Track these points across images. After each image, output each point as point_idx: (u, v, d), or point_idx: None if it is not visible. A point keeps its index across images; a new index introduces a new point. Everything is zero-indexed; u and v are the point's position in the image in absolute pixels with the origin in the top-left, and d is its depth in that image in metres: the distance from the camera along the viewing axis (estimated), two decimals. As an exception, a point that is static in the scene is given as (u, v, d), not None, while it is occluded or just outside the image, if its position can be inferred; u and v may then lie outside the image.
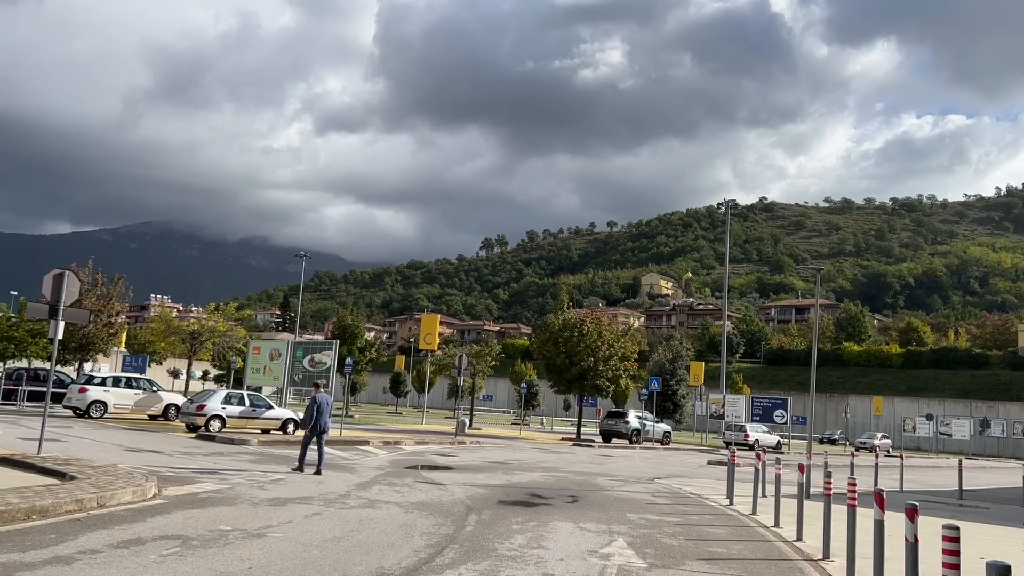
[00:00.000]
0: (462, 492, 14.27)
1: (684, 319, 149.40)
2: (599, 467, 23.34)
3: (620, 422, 38.35)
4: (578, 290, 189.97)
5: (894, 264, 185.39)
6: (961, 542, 5.51)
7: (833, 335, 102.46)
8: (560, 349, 37.38)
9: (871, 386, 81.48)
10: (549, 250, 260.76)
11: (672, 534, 11.16)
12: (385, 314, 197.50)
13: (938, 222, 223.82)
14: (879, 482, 21.69)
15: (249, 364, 29.53)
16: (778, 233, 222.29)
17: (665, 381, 51.16)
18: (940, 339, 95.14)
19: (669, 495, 16.74)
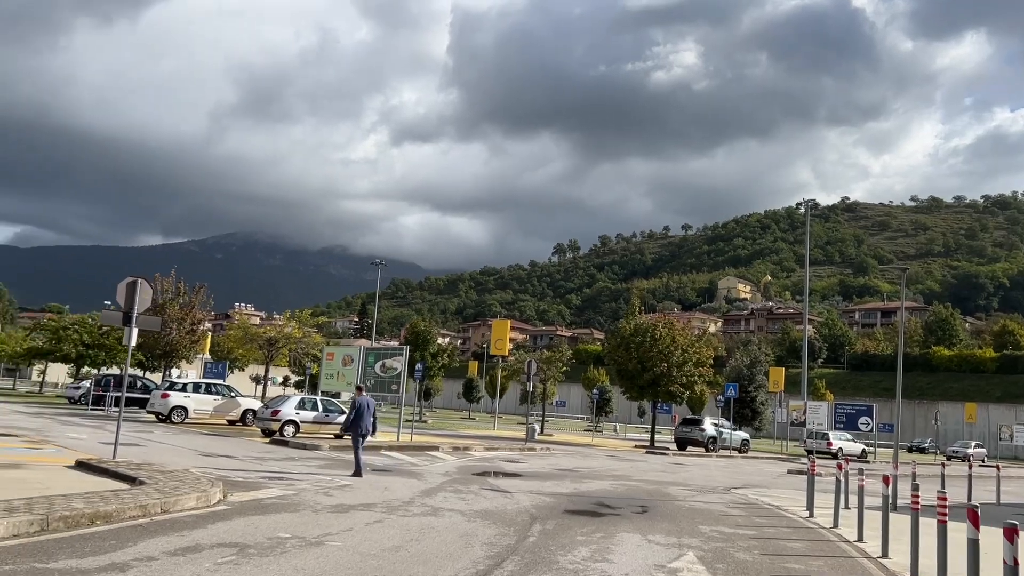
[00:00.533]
0: (528, 500, 13.96)
1: (763, 323, 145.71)
2: (672, 476, 22.69)
3: (695, 429, 37.39)
4: (652, 295, 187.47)
5: (987, 264, 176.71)
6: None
7: (922, 339, 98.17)
8: (632, 354, 36.70)
9: (963, 392, 77.63)
10: (622, 255, 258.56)
11: (746, 548, 10.60)
12: (459, 320, 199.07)
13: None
14: (973, 495, 20.43)
15: (323, 370, 29.91)
16: (861, 234, 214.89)
17: (743, 387, 49.79)
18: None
19: (744, 506, 16.06)
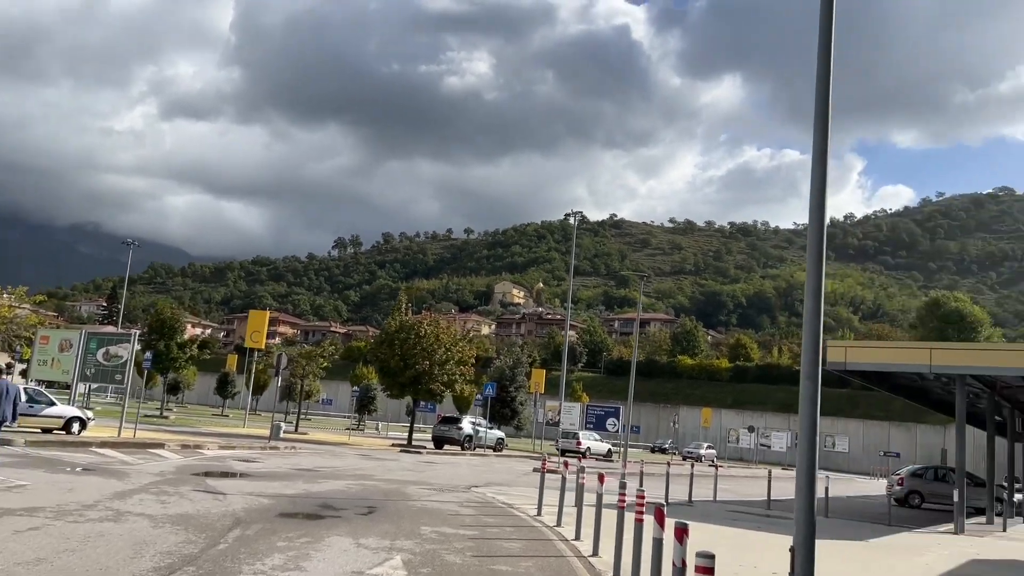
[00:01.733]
0: (240, 503, 12.72)
1: (533, 328, 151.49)
2: (418, 475, 22.22)
3: (453, 428, 37.44)
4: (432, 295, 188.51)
5: (729, 284, 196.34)
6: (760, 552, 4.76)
7: (669, 348, 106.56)
8: (395, 351, 36.01)
9: (702, 398, 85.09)
10: (404, 253, 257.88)
11: (460, 550, 10.18)
12: (225, 311, 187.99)
13: (770, 247, 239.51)
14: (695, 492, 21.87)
15: (36, 355, 26.26)
16: (625, 249, 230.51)
17: (504, 387, 50.90)
18: (765, 356, 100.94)
19: (479, 505, 15.85)
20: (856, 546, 15.12)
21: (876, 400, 74.22)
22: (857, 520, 21.01)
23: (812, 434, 5.66)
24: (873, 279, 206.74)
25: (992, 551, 16.43)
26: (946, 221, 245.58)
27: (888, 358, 21.76)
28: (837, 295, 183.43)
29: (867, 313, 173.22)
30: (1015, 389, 25.38)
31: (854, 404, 79.05)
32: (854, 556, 13.58)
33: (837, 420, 77.86)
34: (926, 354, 20.88)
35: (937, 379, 24.60)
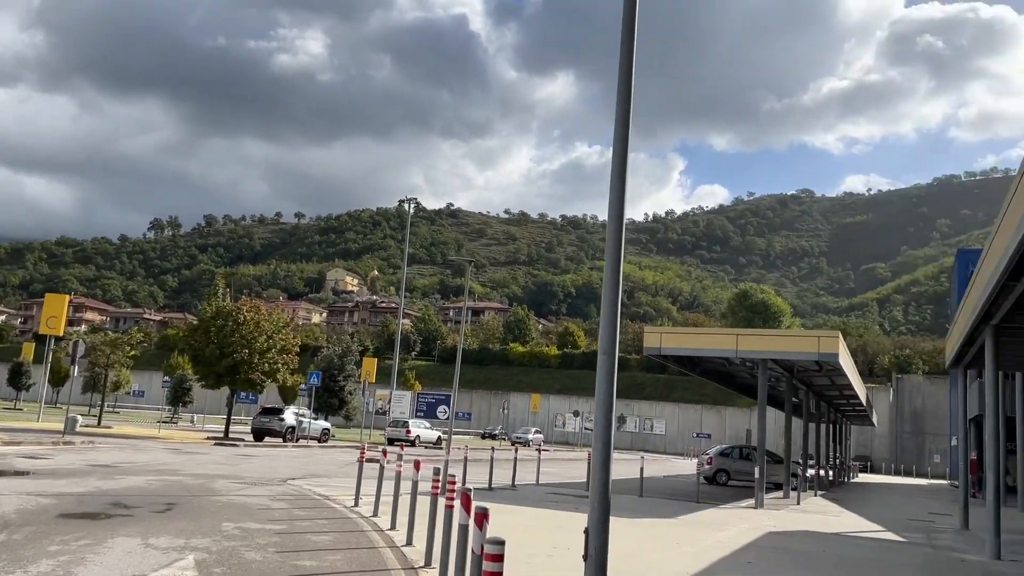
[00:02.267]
0: (14, 504, 11.31)
1: (367, 316, 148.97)
2: (231, 468, 20.95)
3: (274, 419, 35.85)
4: (258, 281, 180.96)
5: (560, 275, 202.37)
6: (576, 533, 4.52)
7: (502, 336, 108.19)
8: (211, 339, 33.94)
9: (532, 384, 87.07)
10: (229, 237, 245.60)
11: (263, 546, 9.50)
12: (24, 296, 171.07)
13: (598, 240, 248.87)
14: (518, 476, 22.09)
15: None
16: (462, 239, 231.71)
17: (332, 376, 49.47)
18: (592, 343, 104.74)
19: (293, 498, 15.06)
20: (666, 523, 15.73)
21: (691, 385, 78.99)
22: (669, 498, 22.00)
23: (608, 410, 5.57)
24: (690, 272, 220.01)
25: (787, 523, 17.64)
26: (755, 219, 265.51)
27: (700, 344, 22.94)
28: (658, 286, 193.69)
29: (685, 303, 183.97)
30: (810, 373, 27.58)
31: (671, 389, 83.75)
32: (664, 533, 14.08)
33: (656, 404, 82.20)
34: (733, 340, 22.18)
35: (743, 364, 26.27)
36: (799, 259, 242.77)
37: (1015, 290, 11.76)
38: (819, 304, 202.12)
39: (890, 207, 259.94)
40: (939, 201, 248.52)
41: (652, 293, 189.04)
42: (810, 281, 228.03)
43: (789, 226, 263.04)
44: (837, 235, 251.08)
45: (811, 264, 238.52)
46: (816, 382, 31.19)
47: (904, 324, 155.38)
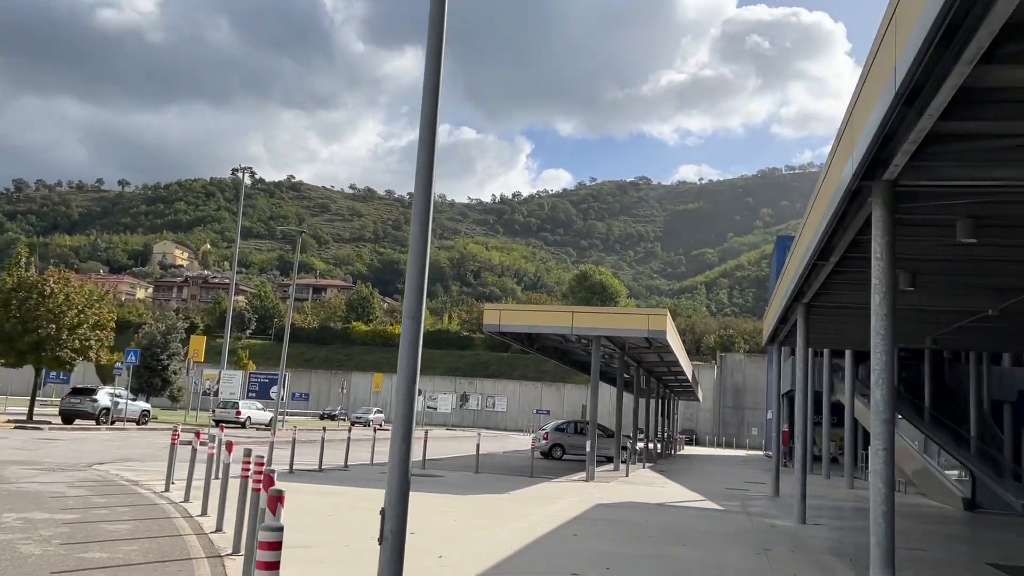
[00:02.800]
0: None
1: (197, 292, 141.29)
2: (30, 454, 18.99)
3: (86, 400, 33.02)
4: (76, 253, 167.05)
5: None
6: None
7: (344, 315, 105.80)
8: (11, 313, 30.69)
9: (375, 364, 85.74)
10: (42, 204, 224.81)
11: (46, 538, 8.48)
12: None
13: (446, 219, 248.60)
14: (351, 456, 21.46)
15: None
16: (304, 213, 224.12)
17: (155, 355, 46.39)
18: (437, 322, 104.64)
19: (96, 484, 13.76)
20: (498, 499, 15.70)
21: (531, 363, 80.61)
22: (505, 474, 22.10)
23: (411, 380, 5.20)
24: (535, 253, 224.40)
25: (615, 495, 18.12)
26: (597, 204, 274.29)
27: (537, 320, 23.15)
28: (504, 267, 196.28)
29: (529, 284, 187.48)
30: (640, 350, 28.58)
31: (513, 367, 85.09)
32: (494, 509, 13.99)
33: (498, 382, 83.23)
34: (569, 317, 22.52)
35: (578, 340, 26.83)
36: (636, 243, 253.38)
37: (823, 269, 12.47)
38: (653, 286, 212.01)
39: (719, 196, 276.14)
40: (762, 192, 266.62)
41: (498, 273, 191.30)
42: (645, 264, 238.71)
43: (627, 211, 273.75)
44: (671, 221, 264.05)
45: (647, 248, 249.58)
46: (647, 359, 32.44)
47: (729, 306, 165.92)
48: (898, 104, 6.28)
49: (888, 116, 6.55)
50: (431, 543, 9.71)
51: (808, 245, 11.75)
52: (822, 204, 10.33)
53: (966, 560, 11.33)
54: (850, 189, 8.44)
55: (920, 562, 10.85)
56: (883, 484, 7.66)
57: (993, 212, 9.33)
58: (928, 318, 17.20)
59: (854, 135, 7.98)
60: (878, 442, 7.76)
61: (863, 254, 10.58)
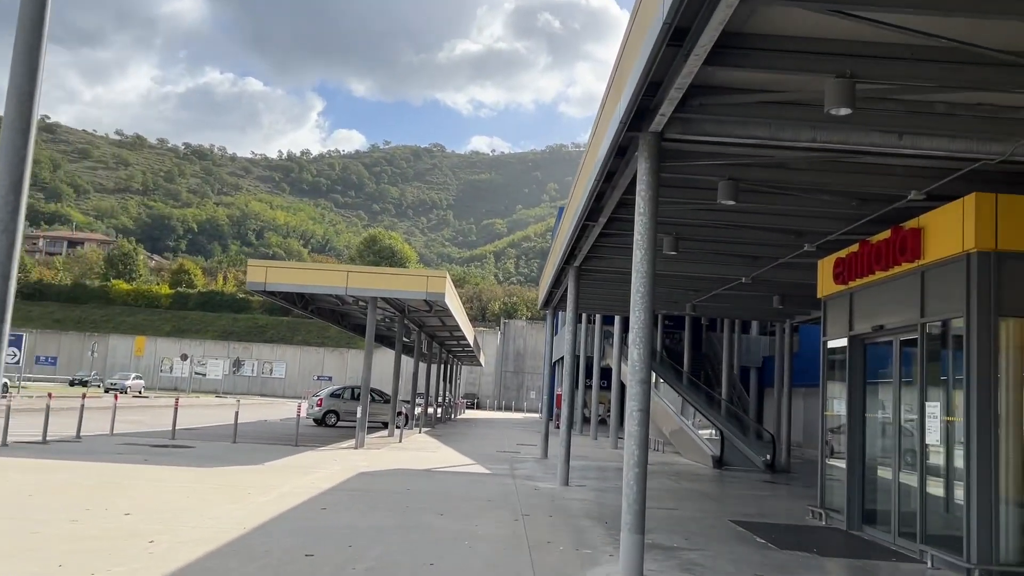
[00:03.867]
0: None
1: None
2: None
3: None
4: None
5: (180, 208, 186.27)
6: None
7: (103, 271, 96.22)
8: None
9: (137, 326, 78.85)
10: None
11: None
12: None
13: (226, 174, 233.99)
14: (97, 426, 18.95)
15: None
16: (60, 159, 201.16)
17: None
18: (210, 283, 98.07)
19: None
20: (250, 471, 14.34)
21: (314, 328, 77.78)
22: (267, 443, 20.60)
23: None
24: (324, 215, 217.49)
25: (382, 462, 17.32)
26: (390, 168, 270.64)
27: (308, 280, 21.67)
28: (290, 228, 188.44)
29: (317, 246, 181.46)
30: (421, 313, 27.91)
31: (294, 331, 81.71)
32: (240, 482, 12.67)
33: (277, 347, 79.59)
34: (343, 277, 21.28)
35: (356, 302, 25.64)
36: (429, 210, 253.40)
37: (593, 231, 12.29)
38: (444, 254, 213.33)
39: (510, 168, 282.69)
40: (550, 166, 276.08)
41: (283, 234, 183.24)
42: (438, 232, 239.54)
43: (421, 178, 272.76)
44: (463, 190, 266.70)
45: (439, 216, 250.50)
46: (428, 323, 31.89)
47: (515, 275, 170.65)
48: (665, 39, 5.82)
49: (655, 54, 6.10)
50: (149, 525, 8.34)
51: (578, 206, 11.46)
52: (591, 162, 10.00)
53: (712, 518, 11.70)
54: (617, 141, 8.06)
55: (670, 520, 11.03)
56: (636, 446, 7.39)
57: (750, 176, 9.42)
58: (689, 285, 17.89)
59: (622, 84, 7.57)
60: (634, 403, 7.48)
61: (630, 216, 10.42)
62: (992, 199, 8.33)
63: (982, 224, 8.28)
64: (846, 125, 7.51)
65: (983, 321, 8.24)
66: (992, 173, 9.04)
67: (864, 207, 10.22)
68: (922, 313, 9.40)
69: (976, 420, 8.13)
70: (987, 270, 8.28)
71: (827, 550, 9.43)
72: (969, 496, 8.12)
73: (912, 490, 9.64)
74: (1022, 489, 8.42)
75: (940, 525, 9.13)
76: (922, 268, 9.40)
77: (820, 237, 12.11)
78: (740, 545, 9.38)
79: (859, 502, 11.07)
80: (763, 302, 19.27)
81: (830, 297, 12.22)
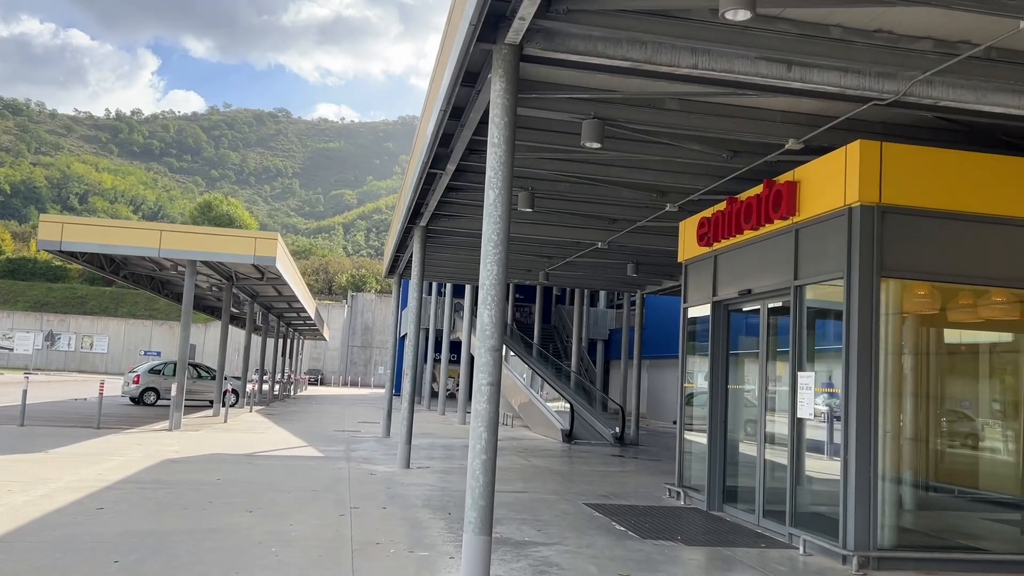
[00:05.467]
0: None
1: None
2: None
3: None
4: None
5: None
6: None
7: None
8: None
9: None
10: None
11: None
12: None
13: (45, 132, 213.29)
14: None
15: None
16: None
17: None
18: (21, 249, 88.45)
19: None
20: (26, 459, 11.92)
21: (141, 299, 71.79)
22: (65, 425, 17.84)
23: None
24: (157, 180, 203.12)
25: (197, 447, 15.19)
26: (231, 132, 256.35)
27: (114, 239, 18.79)
28: (118, 192, 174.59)
29: (148, 213, 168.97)
30: (252, 281, 25.43)
31: (119, 303, 75.19)
32: (5, 475, 10.32)
33: (99, 319, 72.94)
34: (156, 236, 18.62)
35: (175, 267, 22.89)
36: (273, 178, 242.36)
37: (441, 181, 10.81)
38: (290, 224, 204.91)
39: (360, 138, 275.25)
40: (402, 137, 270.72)
41: (111, 199, 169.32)
42: (283, 201, 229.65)
43: (265, 144, 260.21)
44: (311, 159, 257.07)
45: (284, 184, 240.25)
46: (262, 292, 29.37)
47: (365, 248, 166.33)
48: None
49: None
50: None
51: (423, 149, 9.92)
52: (436, 93, 8.49)
53: (566, 501, 10.64)
54: (466, 56, 6.61)
55: (520, 506, 9.84)
56: (484, 428, 6.04)
57: (617, 116, 8.23)
58: (543, 251, 16.81)
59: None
60: (483, 375, 6.12)
61: (482, 165, 9.05)
62: (877, 148, 7.56)
63: (866, 175, 7.48)
64: (732, 51, 6.43)
65: (865, 282, 7.47)
66: (873, 124, 8.34)
67: (736, 159, 9.32)
68: (796, 275, 8.60)
69: (856, 391, 7.37)
70: (870, 226, 7.51)
71: (692, 536, 8.53)
72: (847, 474, 7.37)
73: (780, 468, 8.92)
74: (904, 466, 7.82)
75: (812, 506, 8.44)
76: (797, 226, 8.59)
77: (684, 195, 11.23)
78: (599, 535, 8.30)
79: (720, 480, 10.32)
80: (617, 271, 18.54)
81: (692, 261, 11.39)
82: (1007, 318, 8.32)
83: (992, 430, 8.41)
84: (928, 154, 7.72)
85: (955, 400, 8.68)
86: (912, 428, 8.03)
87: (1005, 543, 8.18)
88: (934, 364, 8.37)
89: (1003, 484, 8.34)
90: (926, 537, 7.98)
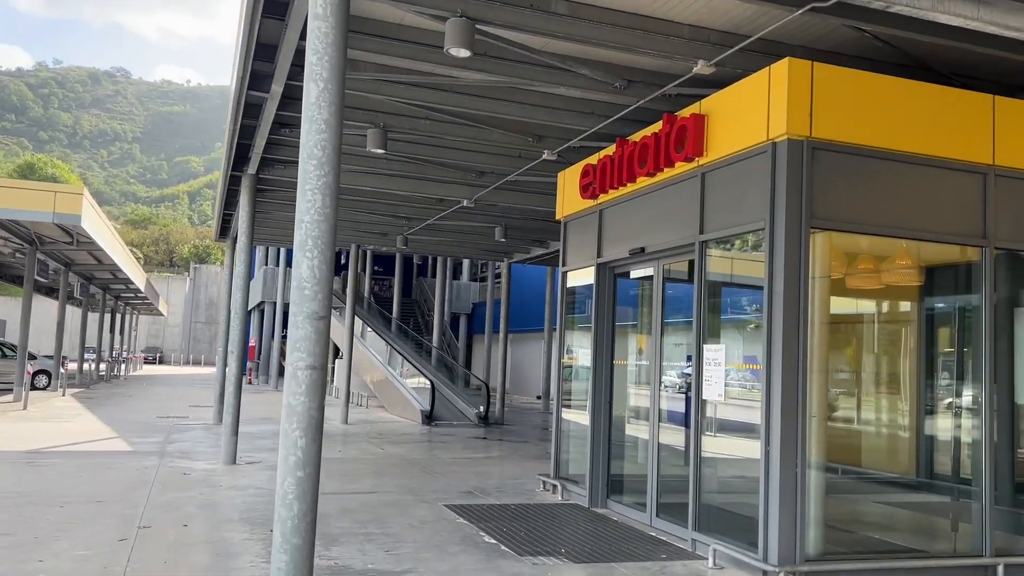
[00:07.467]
0: None
1: None
2: None
3: None
4: None
5: None
6: None
7: None
8: None
9: None
10: None
11: None
12: None
13: None
14: None
15: None
16: None
17: None
18: None
19: None
20: None
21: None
22: None
23: None
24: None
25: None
26: (62, 91, 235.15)
27: None
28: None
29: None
30: (62, 246, 21.95)
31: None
32: None
33: None
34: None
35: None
36: (111, 142, 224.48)
37: (268, 108, 8.63)
38: (129, 192, 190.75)
39: (208, 102, 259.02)
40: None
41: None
42: (122, 167, 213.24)
43: (101, 105, 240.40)
44: (153, 123, 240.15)
45: (123, 149, 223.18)
46: (78, 259, 25.69)
47: (212, 218, 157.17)
48: None
49: None
50: None
51: (239, 63, 7.72)
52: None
53: (423, 503, 8.86)
54: None
55: (367, 513, 7.98)
56: (302, 432, 4.14)
57: (494, 16, 6.41)
58: (401, 210, 14.84)
59: None
60: (300, 355, 4.22)
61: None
62: (807, 68, 6.14)
63: (795, 102, 6.05)
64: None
65: (792, 233, 6.06)
66: (793, 47, 6.96)
67: (630, 90, 7.73)
68: (702, 229, 7.14)
69: (781, 366, 5.98)
70: (798, 165, 6.11)
71: (577, 547, 6.96)
72: (768, 470, 5.99)
73: (676, 455, 7.52)
74: (835, 455, 6.55)
75: (720, 503, 7.07)
76: (704, 169, 7.12)
77: (564, 141, 9.60)
78: (465, 553, 6.57)
79: (604, 471, 8.86)
80: (484, 236, 16.84)
81: (573, 218, 9.82)
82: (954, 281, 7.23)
83: (933, 409, 7.31)
84: (870, 80, 6.39)
85: (894, 377, 7.54)
86: (842, 410, 6.79)
87: (948, 543, 7.14)
88: (868, 334, 7.18)
89: (950, 471, 7.30)
90: (864, 542, 6.78)
